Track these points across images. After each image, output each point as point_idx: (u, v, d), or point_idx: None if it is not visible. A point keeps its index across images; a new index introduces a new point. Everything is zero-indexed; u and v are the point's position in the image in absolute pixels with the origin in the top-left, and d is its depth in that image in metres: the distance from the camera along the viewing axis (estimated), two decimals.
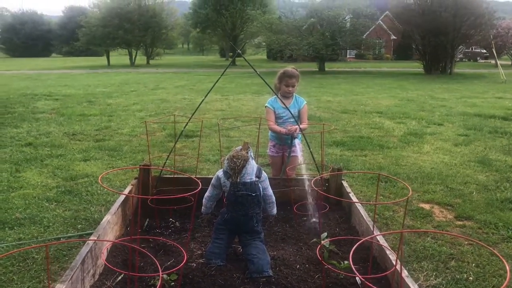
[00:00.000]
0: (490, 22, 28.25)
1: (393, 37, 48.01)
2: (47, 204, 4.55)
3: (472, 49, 47.56)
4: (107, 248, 2.93)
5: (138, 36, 41.46)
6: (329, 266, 2.42)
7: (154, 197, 3.66)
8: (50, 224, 4.05)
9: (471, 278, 3.29)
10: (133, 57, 43.29)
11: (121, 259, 2.92)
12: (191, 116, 3.73)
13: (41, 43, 66.93)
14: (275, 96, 4.33)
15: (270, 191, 3.03)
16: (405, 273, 2.29)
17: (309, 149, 4.23)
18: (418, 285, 3.16)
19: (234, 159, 2.81)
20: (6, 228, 3.91)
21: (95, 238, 2.67)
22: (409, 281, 2.23)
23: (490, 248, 1.89)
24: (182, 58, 63.64)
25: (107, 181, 5.39)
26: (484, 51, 46.50)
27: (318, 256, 2.19)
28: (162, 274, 2.37)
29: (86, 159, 6.44)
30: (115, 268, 2.36)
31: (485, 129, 9.01)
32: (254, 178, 2.85)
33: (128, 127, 9.19)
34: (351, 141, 7.90)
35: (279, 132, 4.30)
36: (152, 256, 2.09)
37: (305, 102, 4.41)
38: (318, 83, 20.74)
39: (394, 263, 2.40)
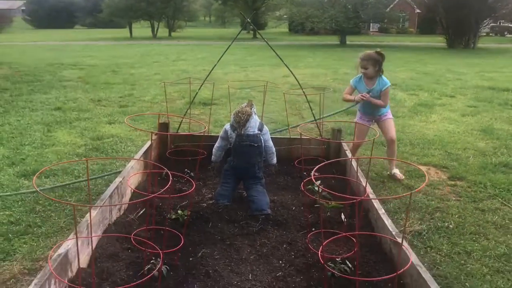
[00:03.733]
0: None
1: (417, 10, 47.02)
2: (77, 159, 5.07)
3: (499, 23, 46.31)
4: (130, 191, 3.42)
5: (160, 8, 41.68)
6: (321, 200, 2.83)
7: (172, 133, 4.12)
8: (80, 174, 4.56)
9: (451, 226, 3.68)
10: (155, 29, 43.62)
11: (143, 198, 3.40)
12: (205, 79, 4.14)
13: (65, 15, 67.66)
14: (361, 75, 4.66)
15: (271, 143, 3.46)
16: (371, 195, 2.71)
17: (312, 114, 4.63)
18: (400, 231, 3.57)
19: (239, 114, 3.24)
20: (43, 177, 4.45)
21: (121, 178, 3.14)
22: (374, 202, 2.66)
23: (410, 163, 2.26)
24: (203, 30, 63.57)
25: (130, 141, 5.89)
26: None
27: (302, 187, 2.60)
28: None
29: (111, 122, 6.95)
30: (136, 190, 2.82)
31: (496, 101, 9.18)
32: (256, 131, 3.28)
33: (150, 95, 9.67)
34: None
35: (351, 100, 4.74)
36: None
37: (389, 84, 4.61)
38: (338, 56, 20.82)
39: (365, 189, 2.81)
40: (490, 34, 45.89)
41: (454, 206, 4.07)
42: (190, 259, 2.58)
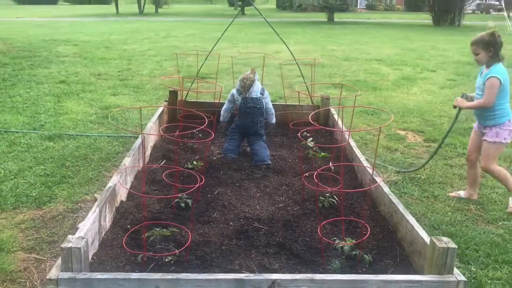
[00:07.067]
0: None
1: None
2: (91, 125, 5.60)
3: (485, 0, 46.93)
4: (150, 146, 3.99)
5: None
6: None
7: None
8: (98, 138, 5.09)
9: (423, 177, 4.33)
10: (142, 5, 43.33)
11: (161, 154, 3.97)
12: (210, 50, 4.68)
13: None
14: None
15: (270, 105, 4.06)
16: (352, 143, 3.33)
17: (304, 82, 5.20)
18: (382, 179, 4.21)
19: (244, 80, 3.82)
20: (65, 139, 4.97)
21: (145, 133, 3.70)
22: (357, 152, 3.28)
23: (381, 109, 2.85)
24: (189, 7, 63.18)
25: (136, 110, 6.40)
26: (497, 2, 45.91)
27: (299, 137, 3.19)
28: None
29: (115, 94, 7.45)
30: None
31: (474, 75, 9.76)
32: (259, 95, 3.86)
33: (147, 69, 10.12)
34: (348, 84, 8.79)
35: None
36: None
37: (494, 75, 3.50)
38: (326, 33, 21.28)
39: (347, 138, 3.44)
40: (476, 11, 46.53)
41: (428, 163, 4.70)
42: (208, 195, 3.18)
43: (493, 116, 3.64)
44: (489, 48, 3.55)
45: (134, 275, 1.89)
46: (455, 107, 3.95)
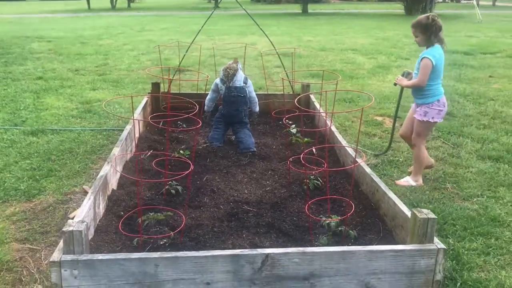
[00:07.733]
0: None
1: None
2: (73, 119, 5.60)
3: None
4: (136, 137, 4.05)
5: None
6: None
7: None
8: (81, 132, 5.11)
9: (401, 159, 4.52)
10: (114, 0, 42.64)
11: (147, 145, 4.04)
12: (192, 41, 4.74)
13: None
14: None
15: (254, 94, 4.16)
16: (334, 128, 3.46)
17: (285, 71, 5.32)
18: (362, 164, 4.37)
19: (228, 69, 3.91)
20: (49, 134, 4.97)
21: (131, 126, 3.76)
22: (338, 136, 3.42)
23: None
24: (163, 0, 62.52)
25: (117, 103, 6.42)
26: None
27: (284, 122, 3.31)
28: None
29: (94, 89, 7.42)
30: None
31: (445, 62, 10.11)
32: (242, 84, 3.96)
33: (124, 64, 10.07)
34: (325, 73, 8.95)
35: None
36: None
37: (427, 56, 3.71)
38: (301, 24, 21.42)
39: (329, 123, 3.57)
40: (447, 0, 47.42)
41: (404, 146, 4.89)
42: (197, 182, 3.27)
43: (424, 95, 3.86)
44: (426, 32, 3.70)
45: (135, 255, 1.98)
46: (395, 84, 4.21)
